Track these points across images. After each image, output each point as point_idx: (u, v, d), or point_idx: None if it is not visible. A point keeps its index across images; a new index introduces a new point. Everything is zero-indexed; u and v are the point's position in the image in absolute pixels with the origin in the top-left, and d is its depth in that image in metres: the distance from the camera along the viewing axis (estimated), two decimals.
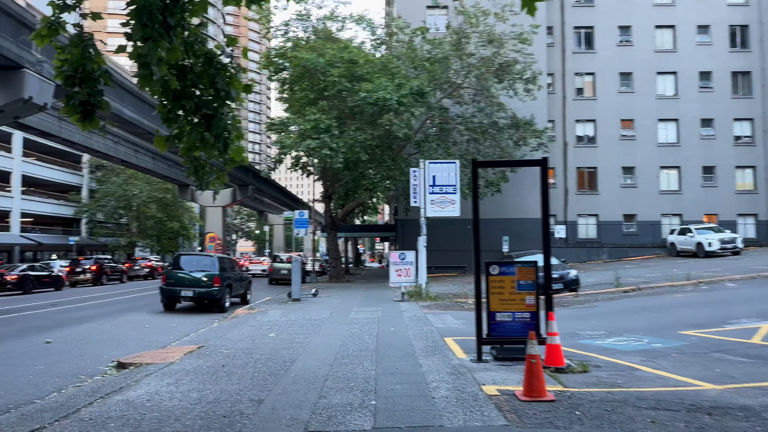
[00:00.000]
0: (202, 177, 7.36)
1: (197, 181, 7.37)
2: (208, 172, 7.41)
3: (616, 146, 39.61)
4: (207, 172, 7.40)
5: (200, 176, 7.35)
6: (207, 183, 7.38)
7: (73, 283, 35.30)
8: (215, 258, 18.14)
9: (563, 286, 19.09)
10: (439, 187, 19.66)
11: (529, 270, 9.03)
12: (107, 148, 28.97)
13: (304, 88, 28.00)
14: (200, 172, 7.35)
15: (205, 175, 7.38)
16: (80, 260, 36.41)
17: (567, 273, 19.33)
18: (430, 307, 17.18)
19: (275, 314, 16.31)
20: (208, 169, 7.44)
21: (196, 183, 7.40)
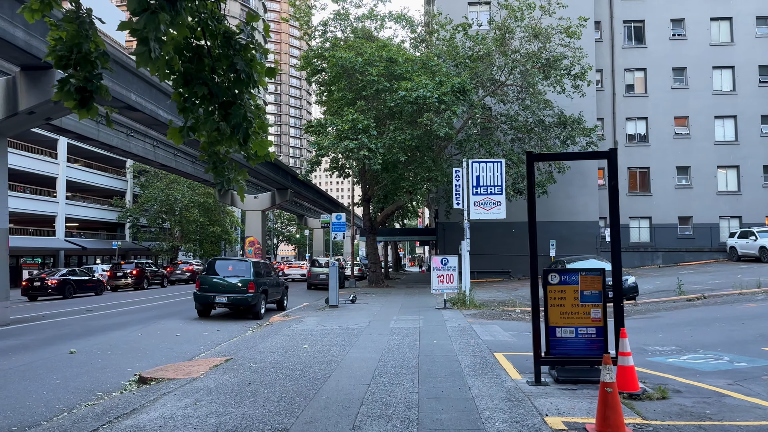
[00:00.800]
0: (222, 173, 6.54)
1: (216, 177, 6.53)
2: (228, 168, 6.59)
3: (670, 145, 37.60)
4: (227, 168, 6.58)
5: (219, 172, 6.53)
6: (227, 180, 6.55)
7: (114, 288, 35.44)
8: (250, 263, 17.45)
9: None
10: (484, 187, 18.51)
11: (595, 279, 7.88)
12: (146, 151, 28.84)
13: (342, 88, 27.23)
14: (219, 167, 6.53)
15: (224, 171, 6.55)
16: (121, 264, 36.51)
17: (624, 279, 17.87)
18: (475, 316, 16.06)
19: (311, 322, 15.47)
20: (229, 164, 6.62)
21: (216, 180, 6.57)
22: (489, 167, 18.55)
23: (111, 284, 35.51)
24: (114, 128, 24.90)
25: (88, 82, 5.46)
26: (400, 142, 25.36)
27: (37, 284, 27.31)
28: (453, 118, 24.41)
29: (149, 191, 50.41)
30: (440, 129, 24.13)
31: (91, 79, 5.46)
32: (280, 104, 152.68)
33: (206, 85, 5.87)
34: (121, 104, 18.48)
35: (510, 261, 35.46)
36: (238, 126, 6.05)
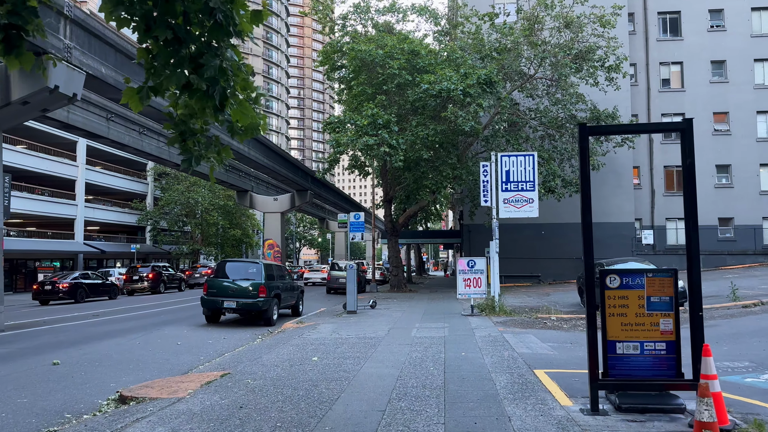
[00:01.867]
0: (191, 148, 5.15)
1: (183, 152, 5.12)
2: (201, 141, 5.21)
3: (709, 142, 35.49)
4: (200, 142, 5.20)
5: (188, 147, 5.13)
6: (197, 157, 5.15)
7: (131, 292, 34.62)
8: (261, 265, 16.17)
9: None
10: (514, 183, 17.00)
11: (665, 282, 6.37)
12: (160, 151, 27.87)
13: (362, 83, 25.93)
14: (189, 140, 5.15)
15: (194, 145, 5.17)
16: (137, 268, 35.69)
17: None
18: (506, 324, 14.54)
19: (326, 330, 14.12)
20: (202, 137, 5.24)
21: (183, 156, 5.15)
22: (520, 161, 17.04)
23: (127, 288, 34.69)
24: (125, 126, 24.04)
25: (14, 17, 4.15)
26: (423, 138, 23.95)
27: (48, 288, 26.48)
28: (479, 111, 22.92)
29: (169, 194, 49.74)
30: (465, 123, 22.67)
31: (18, 12, 4.14)
32: (303, 108, 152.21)
33: (171, 29, 4.50)
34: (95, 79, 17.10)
35: (539, 265, 33.77)
36: (212, 82, 4.68)
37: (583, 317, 15.74)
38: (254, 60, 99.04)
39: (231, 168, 37.01)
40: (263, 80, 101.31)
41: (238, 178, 39.07)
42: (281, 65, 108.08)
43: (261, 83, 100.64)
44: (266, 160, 32.00)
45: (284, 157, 36.81)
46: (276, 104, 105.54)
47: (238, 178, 39.14)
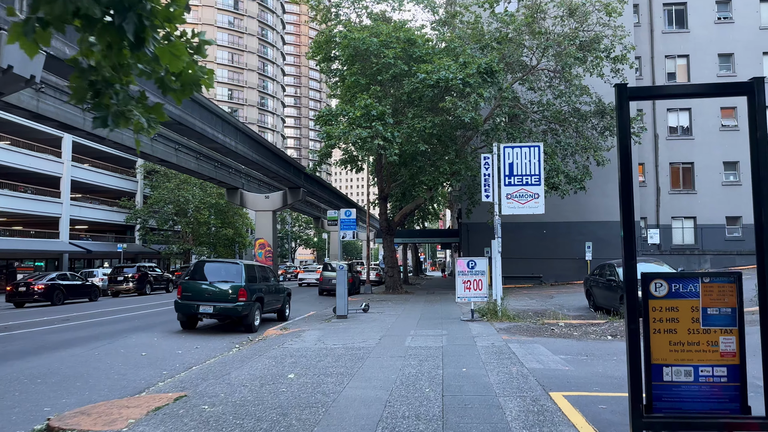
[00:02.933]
0: (105, 103, 3.75)
1: (95, 108, 3.71)
2: (119, 93, 3.80)
3: (716, 138, 34.25)
4: (117, 94, 3.79)
5: (101, 102, 3.73)
6: (116, 115, 3.77)
7: (115, 293, 33.26)
8: (242, 265, 14.77)
9: None
10: (518, 177, 15.63)
11: (726, 288, 4.99)
12: (142, 145, 26.39)
13: (355, 73, 24.54)
14: (103, 94, 3.75)
15: (109, 100, 3.77)
16: (122, 268, 34.21)
17: None
18: (510, 331, 13.16)
19: (311, 338, 12.73)
20: (121, 90, 3.83)
21: (95, 114, 3.74)
22: (524, 153, 15.67)
23: (111, 289, 33.29)
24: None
25: None
26: (420, 130, 22.57)
27: (23, 290, 25.02)
28: (480, 102, 21.54)
29: (158, 192, 48.26)
30: (465, 114, 21.29)
31: None
32: (300, 107, 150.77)
33: None
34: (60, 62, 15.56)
35: (541, 265, 32.42)
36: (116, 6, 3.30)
37: (594, 323, 14.38)
38: (249, 57, 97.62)
39: (220, 165, 35.58)
40: (258, 78, 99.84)
41: (227, 175, 37.65)
42: (277, 62, 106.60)
43: (256, 81, 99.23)
44: (255, 156, 30.56)
45: (275, 153, 35.38)
46: (271, 102, 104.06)
47: (228, 174, 37.72)
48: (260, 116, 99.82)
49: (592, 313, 17.44)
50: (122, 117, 3.65)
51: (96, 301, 28.85)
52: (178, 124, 21.50)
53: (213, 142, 25.07)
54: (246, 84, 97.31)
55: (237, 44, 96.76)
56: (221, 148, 26.59)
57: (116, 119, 3.61)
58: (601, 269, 17.56)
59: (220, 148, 26.81)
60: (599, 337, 12.53)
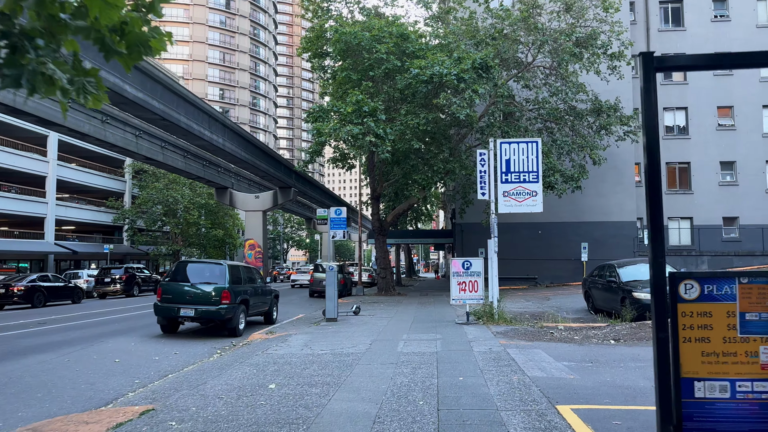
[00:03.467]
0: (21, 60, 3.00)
1: (8, 66, 2.97)
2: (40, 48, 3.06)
3: (713, 137, 33.80)
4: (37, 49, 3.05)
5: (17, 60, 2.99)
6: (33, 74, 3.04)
7: (102, 295, 32.46)
8: (225, 267, 14.03)
9: None
10: (515, 174, 14.98)
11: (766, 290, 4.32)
12: (126, 142, 25.54)
13: (346, 68, 23.85)
14: (20, 49, 3.02)
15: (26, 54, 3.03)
16: (110, 269, 33.39)
17: None
18: (507, 335, 12.50)
19: (297, 342, 12.02)
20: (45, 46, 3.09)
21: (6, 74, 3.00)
22: (522, 149, 15.03)
23: (98, 291, 32.48)
24: (86, 112, 21.81)
25: None
26: (413, 127, 21.91)
27: (2, 291, 24.15)
28: (474, 98, 20.90)
29: (147, 192, 47.34)
30: (460, 111, 20.65)
31: None
32: (292, 107, 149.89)
33: None
34: None
35: (536, 266, 31.83)
36: None
37: (595, 326, 13.75)
38: (240, 56, 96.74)
39: (209, 163, 34.75)
40: (250, 77, 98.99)
41: (216, 174, 36.83)
42: (269, 62, 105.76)
43: (248, 81, 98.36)
44: (244, 154, 29.76)
45: (265, 151, 34.58)
46: (263, 102, 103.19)
47: (217, 174, 36.90)
48: (252, 116, 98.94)
49: (592, 315, 16.83)
50: (41, 77, 2.93)
51: (79, 303, 28.02)
52: (162, 120, 20.75)
53: (199, 139, 24.30)
54: (238, 84, 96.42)
55: (229, 44, 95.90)
56: (208, 145, 25.82)
57: (33, 79, 2.89)
58: (600, 270, 16.94)
59: (206, 146, 26.04)
60: (601, 341, 11.89)
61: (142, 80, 18.70)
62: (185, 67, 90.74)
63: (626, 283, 14.93)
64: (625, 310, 14.03)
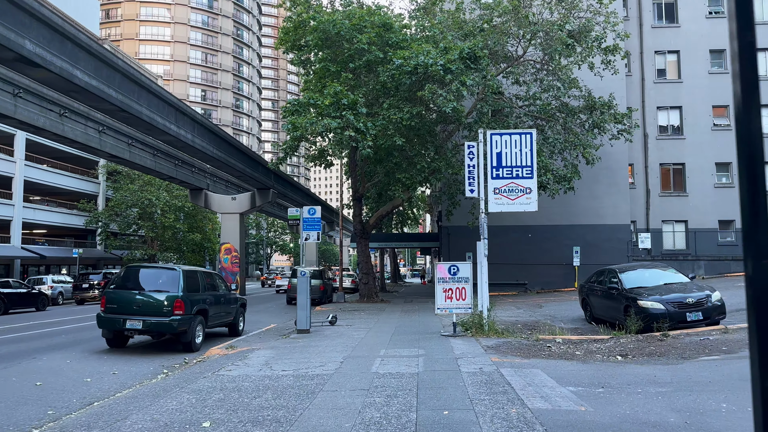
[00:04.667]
0: None
1: None
2: None
3: (708, 138, 32.61)
4: None
5: None
6: None
7: (80, 300, 31.40)
8: (179, 272, 12.33)
9: (702, 317, 12.54)
10: (507, 169, 13.47)
11: None
12: (87, 137, 23.56)
13: (324, 59, 22.27)
14: None
15: None
16: (88, 275, 32.31)
17: (706, 296, 12.76)
18: (500, 351, 10.94)
19: (257, 361, 10.38)
20: None
21: None
22: (514, 141, 13.51)
23: (76, 297, 31.66)
24: (40, 105, 19.96)
25: None
26: (396, 122, 20.36)
27: None
28: (462, 90, 19.40)
29: (120, 194, 45.27)
30: (446, 104, 19.13)
31: None
32: (277, 110, 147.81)
33: None
34: None
35: (526, 271, 30.34)
36: None
37: (597, 338, 12.23)
38: (223, 57, 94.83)
39: (181, 163, 32.86)
40: (233, 79, 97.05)
41: (190, 174, 34.94)
42: (252, 63, 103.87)
43: (231, 82, 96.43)
44: (217, 152, 27.90)
45: (241, 150, 32.71)
46: (247, 104, 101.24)
47: (191, 174, 35.00)
48: (235, 118, 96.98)
49: (591, 326, 15.32)
50: None
51: (44, 310, 26.40)
52: (120, 111, 18.96)
53: (165, 134, 22.48)
54: (220, 85, 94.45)
55: (211, 44, 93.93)
56: (175, 141, 24.02)
57: None
58: (599, 276, 15.46)
59: (173, 141, 24.22)
60: (606, 357, 10.38)
61: (96, 66, 16.97)
62: (166, 67, 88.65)
63: (630, 291, 13.44)
64: (630, 320, 12.53)
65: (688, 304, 12.52)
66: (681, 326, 12.43)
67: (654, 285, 13.54)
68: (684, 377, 8.30)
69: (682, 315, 12.43)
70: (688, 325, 12.51)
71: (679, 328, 12.37)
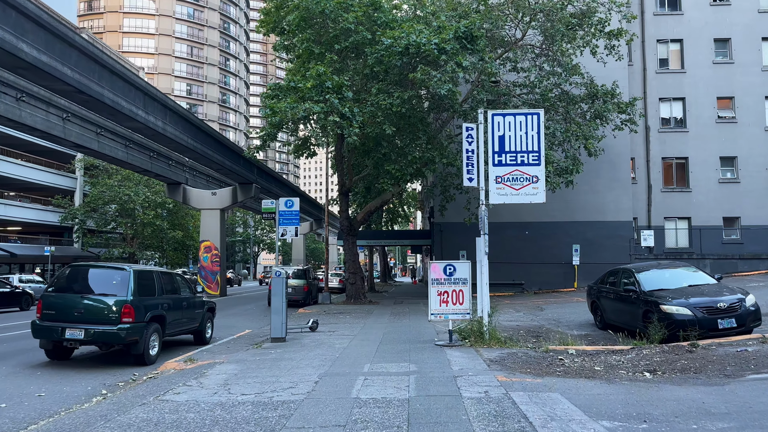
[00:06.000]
0: None
1: None
2: None
3: (712, 131, 31.12)
4: None
5: None
6: None
7: None
8: (130, 273, 10.53)
9: (736, 324, 10.89)
10: (512, 154, 11.77)
11: None
12: (49, 125, 21.41)
13: (306, 39, 20.46)
14: None
15: None
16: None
17: (739, 300, 11.12)
18: (506, 365, 9.24)
19: (215, 380, 8.62)
20: None
21: None
22: (519, 123, 11.82)
23: None
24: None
25: None
26: (385, 108, 18.60)
27: None
28: (458, 71, 17.67)
29: (97, 189, 43.14)
30: (441, 86, 17.38)
31: None
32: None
33: None
34: None
35: (522, 270, 28.67)
36: None
37: (615, 349, 10.57)
38: (210, 51, 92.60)
39: (157, 155, 30.81)
40: (220, 73, 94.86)
41: (167, 168, 32.92)
42: (239, 57, 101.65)
43: (217, 76, 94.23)
44: (192, 142, 25.93)
45: (219, 141, 30.67)
46: (234, 99, 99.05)
47: (167, 167, 32.99)
48: (221, 113, 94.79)
49: (603, 332, 13.66)
50: None
51: (28, 310, 25.00)
52: (78, 93, 17.06)
53: (131, 121, 20.53)
54: (206, 79, 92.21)
55: (197, 37, 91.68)
56: (144, 128, 22.05)
57: None
58: (612, 276, 13.81)
59: (142, 129, 22.25)
60: (632, 373, 8.73)
61: (47, 40, 15.07)
62: (150, 61, 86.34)
63: (650, 293, 11.78)
64: (652, 327, 10.87)
65: (719, 309, 10.88)
66: (711, 335, 10.79)
67: (677, 287, 11.92)
68: (741, 405, 6.64)
69: (713, 322, 10.78)
70: (719, 334, 10.87)
71: (709, 337, 10.73)
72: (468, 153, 12.01)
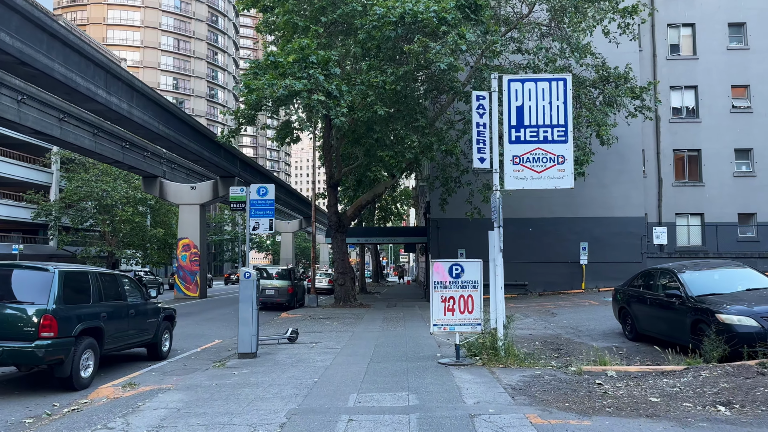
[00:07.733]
0: None
1: None
2: None
3: (727, 121, 29.12)
4: None
5: None
6: None
7: None
8: (54, 274, 8.29)
9: None
10: (533, 129, 9.61)
11: None
12: (19, 114, 18.98)
13: (288, 11, 18.20)
14: None
15: None
16: None
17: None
18: (534, 396, 7.07)
19: (149, 418, 6.43)
20: None
21: None
22: (542, 90, 9.66)
23: None
24: None
25: None
26: (378, 87, 16.40)
27: None
28: (461, 44, 15.47)
29: (73, 184, 40.63)
30: (441, 59, 15.17)
31: None
32: None
33: None
34: None
35: (525, 270, 26.47)
36: None
37: (665, 371, 8.43)
38: (197, 44, 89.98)
39: (130, 145, 28.38)
40: (207, 67, 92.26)
41: (142, 159, 30.51)
42: (228, 52, 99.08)
43: (205, 71, 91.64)
44: (164, 128, 23.43)
45: (196, 129, 28.10)
46: (222, 94, 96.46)
47: (142, 159, 30.56)
48: (209, 108, 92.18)
49: (633, 344, 11.50)
50: None
51: None
52: (21, 65, 14.69)
53: (90, 101, 18.10)
54: (194, 73, 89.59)
55: (184, 30, 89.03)
56: (105, 111, 19.65)
57: None
58: (647, 279, 11.68)
59: (104, 112, 19.84)
60: (702, 407, 6.62)
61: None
62: (136, 54, 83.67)
63: (700, 299, 9.65)
64: (708, 342, 8.74)
65: None
66: None
67: (732, 291, 9.80)
68: None
69: None
70: None
71: None
72: (479, 127, 9.81)
